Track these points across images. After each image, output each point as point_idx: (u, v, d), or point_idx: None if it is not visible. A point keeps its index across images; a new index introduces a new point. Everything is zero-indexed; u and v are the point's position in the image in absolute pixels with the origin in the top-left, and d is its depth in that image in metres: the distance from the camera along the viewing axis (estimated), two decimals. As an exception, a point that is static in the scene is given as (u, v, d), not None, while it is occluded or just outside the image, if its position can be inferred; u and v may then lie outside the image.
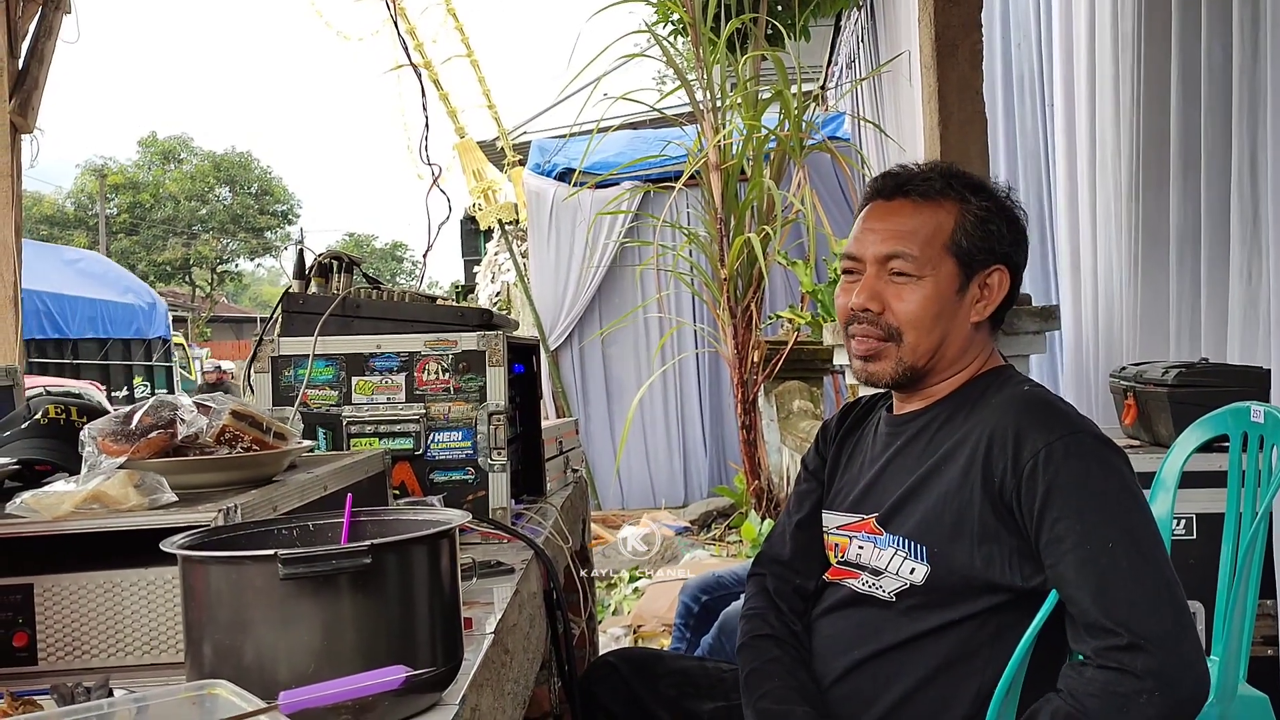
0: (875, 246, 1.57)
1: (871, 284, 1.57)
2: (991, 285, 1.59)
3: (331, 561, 0.96)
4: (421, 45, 8.60)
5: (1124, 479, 1.43)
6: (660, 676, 1.80)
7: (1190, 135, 2.91)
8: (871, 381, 1.62)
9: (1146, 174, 3.11)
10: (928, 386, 1.61)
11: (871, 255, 1.58)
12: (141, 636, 1.20)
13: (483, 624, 1.37)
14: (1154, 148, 3.08)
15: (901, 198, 1.59)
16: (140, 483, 1.24)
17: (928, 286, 1.55)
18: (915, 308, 1.55)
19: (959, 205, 1.57)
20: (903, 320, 1.55)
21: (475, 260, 12.91)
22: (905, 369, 1.57)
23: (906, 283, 1.55)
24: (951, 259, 1.56)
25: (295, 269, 2.16)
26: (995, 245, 1.59)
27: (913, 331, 1.55)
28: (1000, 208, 1.60)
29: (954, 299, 1.57)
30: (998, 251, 1.59)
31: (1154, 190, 3.09)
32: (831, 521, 1.68)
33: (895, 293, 1.56)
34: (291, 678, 0.94)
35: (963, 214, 1.57)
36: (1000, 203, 1.60)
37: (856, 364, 1.62)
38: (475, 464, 1.94)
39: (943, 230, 1.56)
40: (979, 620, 1.48)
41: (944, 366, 1.59)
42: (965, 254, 1.56)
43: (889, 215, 1.59)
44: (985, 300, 1.60)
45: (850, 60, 8.34)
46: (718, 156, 5.90)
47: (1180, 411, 2.42)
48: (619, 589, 4.96)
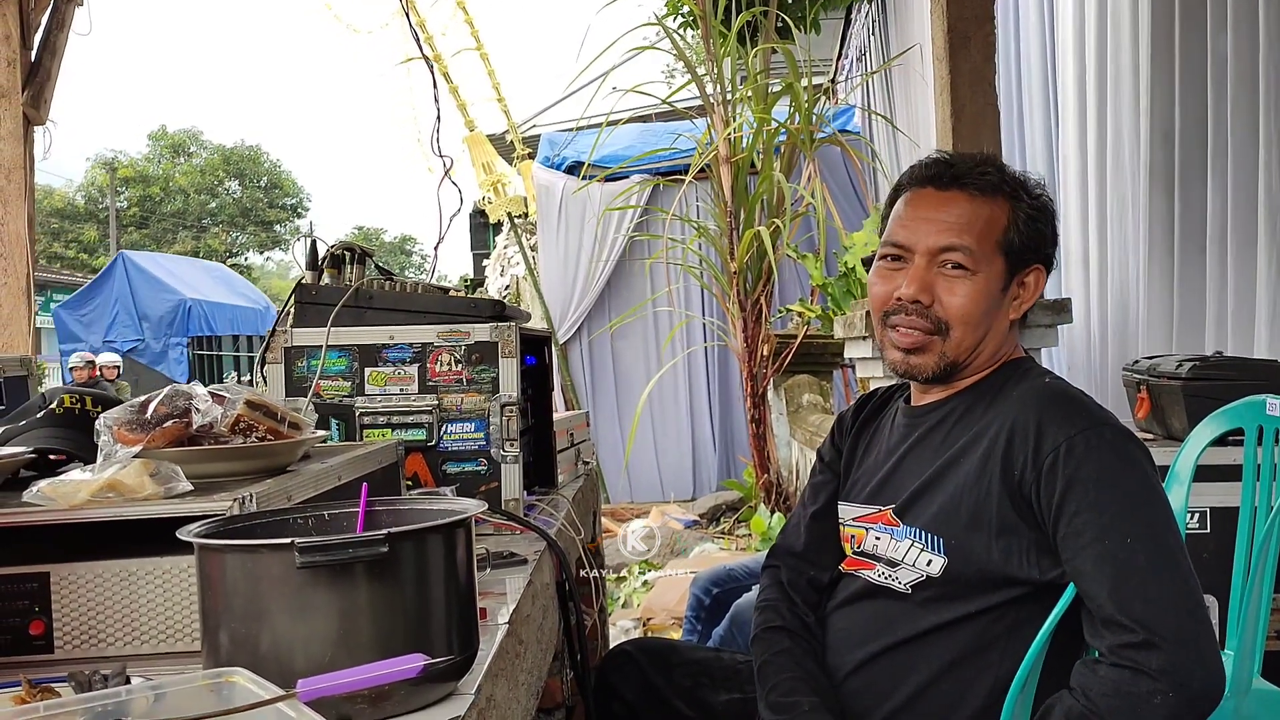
0: (931, 237, 1.53)
1: (923, 274, 1.53)
2: (1028, 284, 1.58)
3: (348, 550, 0.96)
4: (431, 38, 8.60)
5: (1145, 473, 1.42)
6: (676, 666, 1.79)
7: (1204, 130, 2.89)
8: (910, 375, 1.58)
9: (1159, 168, 3.10)
10: (956, 380, 1.59)
11: (926, 246, 1.53)
12: (158, 625, 1.20)
13: (496, 615, 1.37)
14: (1167, 142, 3.06)
15: (957, 189, 1.55)
16: (156, 472, 1.24)
17: (980, 282, 1.52)
18: (968, 303, 1.52)
19: (1011, 203, 1.55)
20: (953, 315, 1.52)
21: (484, 254, 12.90)
22: (948, 364, 1.54)
23: (961, 276, 1.52)
24: (1002, 256, 1.54)
25: (308, 260, 2.17)
26: (1040, 245, 1.57)
27: (961, 327, 1.52)
28: (1044, 208, 1.58)
29: (999, 296, 1.55)
30: (1040, 252, 1.58)
31: (1166, 184, 3.07)
32: (848, 513, 1.67)
33: (947, 286, 1.52)
34: (308, 666, 0.94)
35: (1014, 212, 1.55)
36: (1044, 202, 1.59)
37: (896, 355, 1.57)
38: (488, 455, 1.94)
39: (996, 226, 1.53)
40: (995, 613, 1.47)
41: (979, 363, 1.57)
42: (1015, 252, 1.54)
43: (944, 205, 1.54)
44: (1022, 299, 1.58)
45: (860, 53, 8.32)
46: (728, 150, 5.89)
47: (1194, 405, 2.41)
48: (629, 582, 4.96)
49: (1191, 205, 2.98)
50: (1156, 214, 3.07)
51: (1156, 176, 3.07)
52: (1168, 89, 3.02)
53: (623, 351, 8.45)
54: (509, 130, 9.57)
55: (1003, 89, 4.54)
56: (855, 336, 3.63)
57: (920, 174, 1.60)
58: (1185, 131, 2.98)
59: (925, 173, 1.59)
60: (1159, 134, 3.07)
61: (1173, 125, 3.02)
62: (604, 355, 8.46)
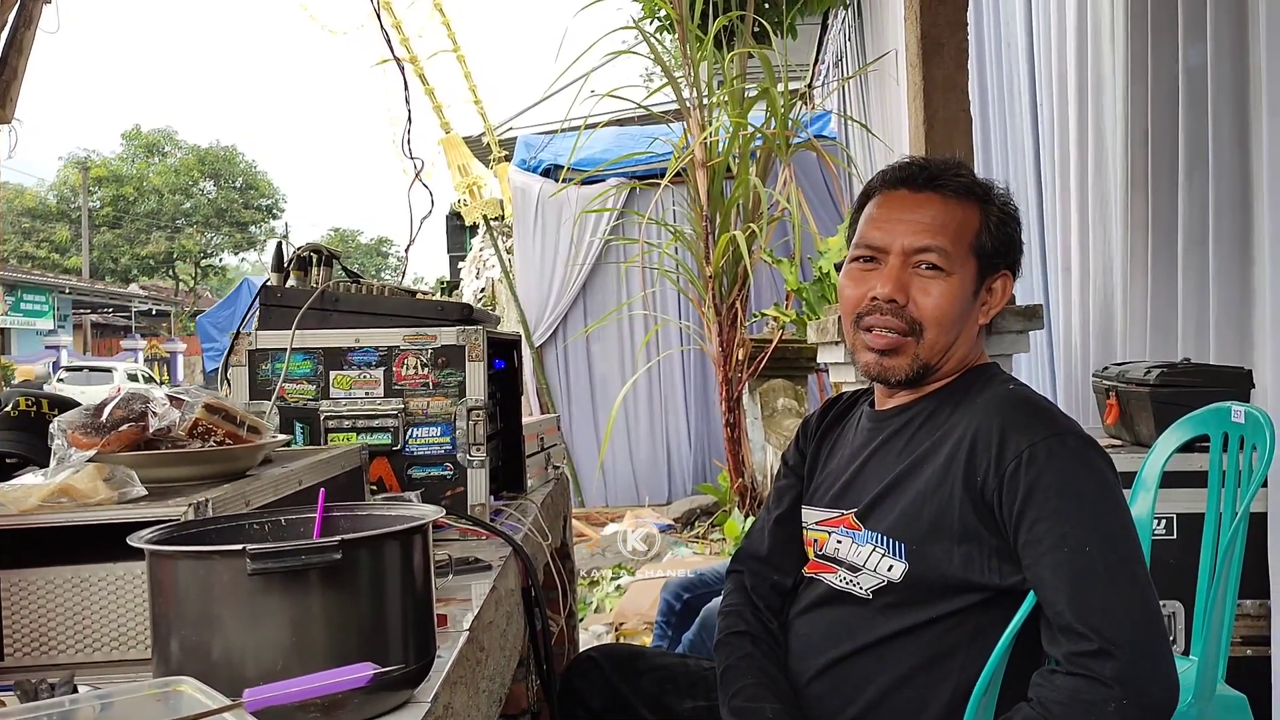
0: (907, 237, 1.53)
1: (898, 274, 1.52)
2: (996, 290, 1.59)
3: (301, 557, 0.94)
4: (407, 40, 8.56)
5: (1106, 482, 1.42)
6: (642, 673, 1.78)
7: (1178, 135, 2.91)
8: (883, 378, 1.57)
9: (1134, 175, 3.11)
10: (924, 384, 1.59)
11: (901, 246, 1.53)
12: (109, 632, 1.18)
13: (458, 621, 1.35)
14: (1141, 149, 3.08)
15: (931, 190, 1.55)
16: (110, 476, 1.22)
17: (954, 284, 1.52)
18: (943, 303, 1.52)
19: (983, 206, 1.56)
20: (927, 315, 1.52)
21: (460, 256, 12.88)
22: (920, 365, 1.54)
23: (936, 277, 1.52)
24: (974, 259, 1.54)
25: (274, 261, 2.14)
26: (1010, 250, 1.58)
27: (935, 328, 1.52)
28: (1012, 214, 1.59)
29: (970, 300, 1.55)
30: (1009, 257, 1.59)
31: (1141, 191, 3.09)
32: (810, 517, 1.67)
33: (922, 287, 1.52)
34: (259, 675, 0.93)
35: (986, 215, 1.55)
36: (1012, 209, 1.60)
37: (869, 357, 1.56)
38: (454, 460, 1.93)
39: (970, 229, 1.54)
40: (956, 619, 1.47)
41: (948, 367, 1.57)
42: (986, 255, 1.55)
43: (919, 207, 1.54)
44: (990, 304, 1.59)
45: (837, 59, 8.35)
46: (704, 154, 5.89)
47: (1162, 411, 2.42)
48: (601, 586, 4.94)
49: (1165, 211, 2.99)
50: (1135, 220, 3.09)
51: (1136, 182, 3.09)
52: (1142, 95, 3.04)
53: (598, 355, 8.44)
54: (485, 132, 9.55)
55: (978, 95, 4.56)
56: (829, 341, 3.63)
57: (893, 176, 1.60)
58: (1158, 137, 3.00)
59: (899, 174, 1.59)
60: (1137, 139, 3.08)
61: (1147, 131, 3.04)
62: (580, 359, 8.45)
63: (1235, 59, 2.64)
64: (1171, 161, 2.95)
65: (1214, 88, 2.69)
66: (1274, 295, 2.42)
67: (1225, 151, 2.68)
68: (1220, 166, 2.68)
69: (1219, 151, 2.69)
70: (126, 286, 34.83)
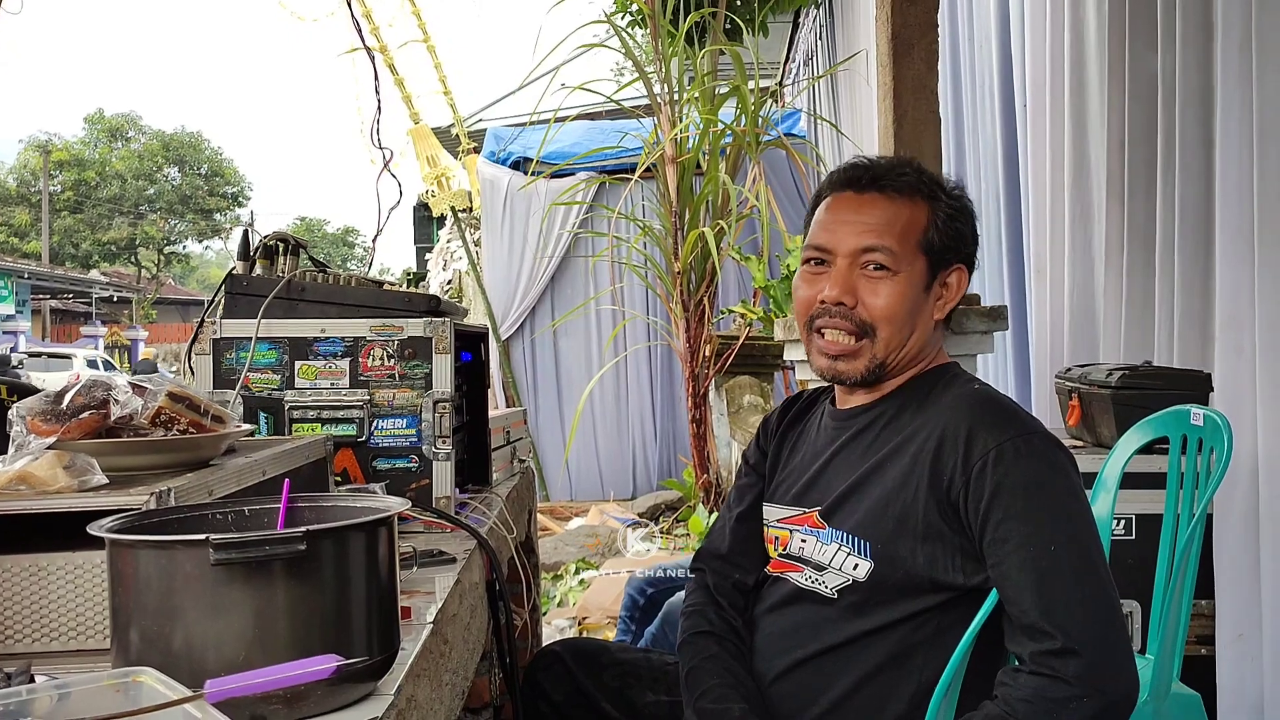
0: (852, 239, 1.54)
1: (845, 277, 1.53)
2: (951, 285, 1.60)
3: (265, 547, 0.94)
4: (377, 29, 8.51)
5: (1071, 482, 1.44)
6: (605, 667, 1.78)
7: (1155, 140, 2.94)
8: (839, 380, 1.59)
9: (1110, 178, 3.14)
10: (881, 383, 1.60)
11: (846, 248, 1.54)
12: (68, 622, 1.16)
13: (422, 614, 1.35)
14: (1117, 153, 3.11)
15: (876, 191, 1.56)
16: (70, 464, 1.20)
17: (902, 282, 1.53)
18: (891, 303, 1.53)
19: (930, 203, 1.57)
20: (877, 315, 1.53)
21: (427, 247, 12.81)
22: (876, 366, 1.55)
23: (883, 277, 1.53)
24: (923, 256, 1.55)
25: (240, 250, 2.12)
26: (960, 245, 1.59)
27: (887, 327, 1.53)
28: (963, 208, 1.60)
29: (922, 296, 1.56)
30: (961, 251, 1.59)
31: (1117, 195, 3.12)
32: (772, 514, 1.67)
33: (870, 288, 1.53)
34: (221, 666, 0.92)
35: (933, 212, 1.56)
36: (964, 203, 1.60)
37: (823, 362, 1.57)
38: (419, 452, 1.92)
39: (916, 227, 1.55)
40: (919, 619, 1.48)
41: (903, 363, 1.58)
42: (935, 252, 1.56)
43: (864, 208, 1.56)
44: (945, 299, 1.60)
45: (808, 57, 8.38)
46: (674, 150, 5.89)
47: (1122, 413, 2.45)
48: (565, 580, 4.94)
49: (1136, 216, 3.03)
50: (1111, 223, 3.12)
51: (1111, 186, 3.12)
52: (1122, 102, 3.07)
53: (566, 349, 8.42)
54: (455, 124, 9.50)
55: (950, 96, 4.59)
56: (795, 339, 3.65)
57: (839, 178, 1.61)
58: (1133, 142, 3.04)
59: (844, 176, 1.61)
60: (1114, 143, 3.11)
61: (1123, 135, 3.07)
62: (547, 352, 8.43)
63: (1200, 67, 2.68)
64: (1147, 166, 2.98)
65: (1180, 95, 2.73)
66: (1230, 299, 2.46)
67: (1190, 157, 2.71)
68: (1185, 172, 2.72)
69: (1184, 157, 2.72)
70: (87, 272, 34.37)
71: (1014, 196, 4.05)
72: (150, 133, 39.59)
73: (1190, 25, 2.69)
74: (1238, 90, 2.44)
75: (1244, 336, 2.40)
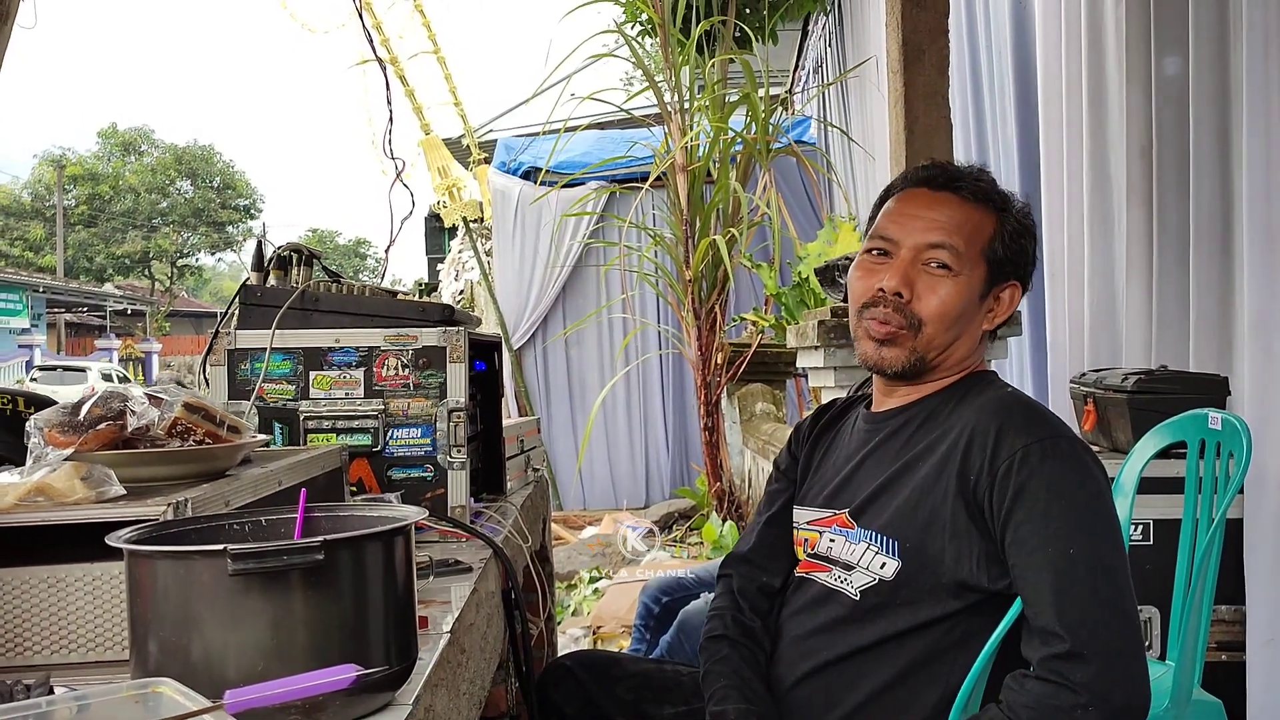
0: (920, 234, 1.54)
1: (906, 269, 1.53)
2: (1004, 300, 1.59)
3: (283, 557, 0.93)
4: (388, 40, 8.54)
5: (1097, 487, 1.43)
6: (617, 680, 1.77)
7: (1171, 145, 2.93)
8: (880, 367, 1.58)
9: (1131, 183, 3.13)
10: (920, 383, 1.59)
11: (913, 242, 1.54)
12: (87, 633, 1.16)
13: (439, 623, 1.35)
14: (1137, 158, 3.10)
15: (950, 191, 1.57)
16: (87, 475, 1.21)
17: (961, 284, 1.53)
18: (946, 302, 1.52)
19: (999, 214, 1.57)
20: (929, 313, 1.53)
21: (439, 258, 12.84)
22: (917, 358, 1.54)
23: (944, 276, 1.53)
24: (984, 264, 1.55)
25: (254, 261, 2.13)
26: (1022, 261, 1.59)
27: (934, 325, 1.53)
28: (1028, 228, 1.60)
29: (976, 303, 1.56)
30: (1021, 268, 1.59)
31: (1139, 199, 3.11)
32: (801, 516, 1.67)
33: (929, 284, 1.53)
34: (240, 676, 0.92)
35: (1001, 224, 1.56)
36: (1029, 223, 1.61)
37: (868, 346, 1.57)
38: (434, 461, 1.92)
39: (983, 234, 1.55)
40: (946, 624, 1.47)
41: (946, 366, 1.58)
42: (996, 263, 1.56)
43: (936, 205, 1.56)
44: (996, 312, 1.59)
45: (817, 65, 8.38)
46: (684, 158, 5.90)
47: (1139, 418, 2.44)
48: (579, 589, 4.93)
49: (1155, 220, 3.02)
50: (1133, 228, 3.11)
51: (1133, 191, 3.11)
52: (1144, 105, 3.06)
53: (577, 358, 8.43)
54: (465, 134, 9.53)
55: (961, 102, 4.58)
56: (807, 346, 3.64)
57: (915, 175, 1.62)
58: (1152, 147, 3.03)
59: (921, 174, 1.61)
60: (1134, 148, 3.10)
61: (1143, 140, 3.06)
62: (559, 361, 8.44)
63: (1219, 69, 2.67)
64: (1167, 171, 2.97)
65: (1201, 98, 2.72)
66: (1252, 303, 2.45)
67: (1210, 160, 2.70)
68: (1206, 176, 2.71)
69: (1205, 160, 2.71)
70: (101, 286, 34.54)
71: (1033, 201, 4.04)
72: (163, 146, 39.80)
73: (1208, 28, 2.68)
74: (1259, 92, 2.43)
75: (1274, 340, 2.39)
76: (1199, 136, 2.72)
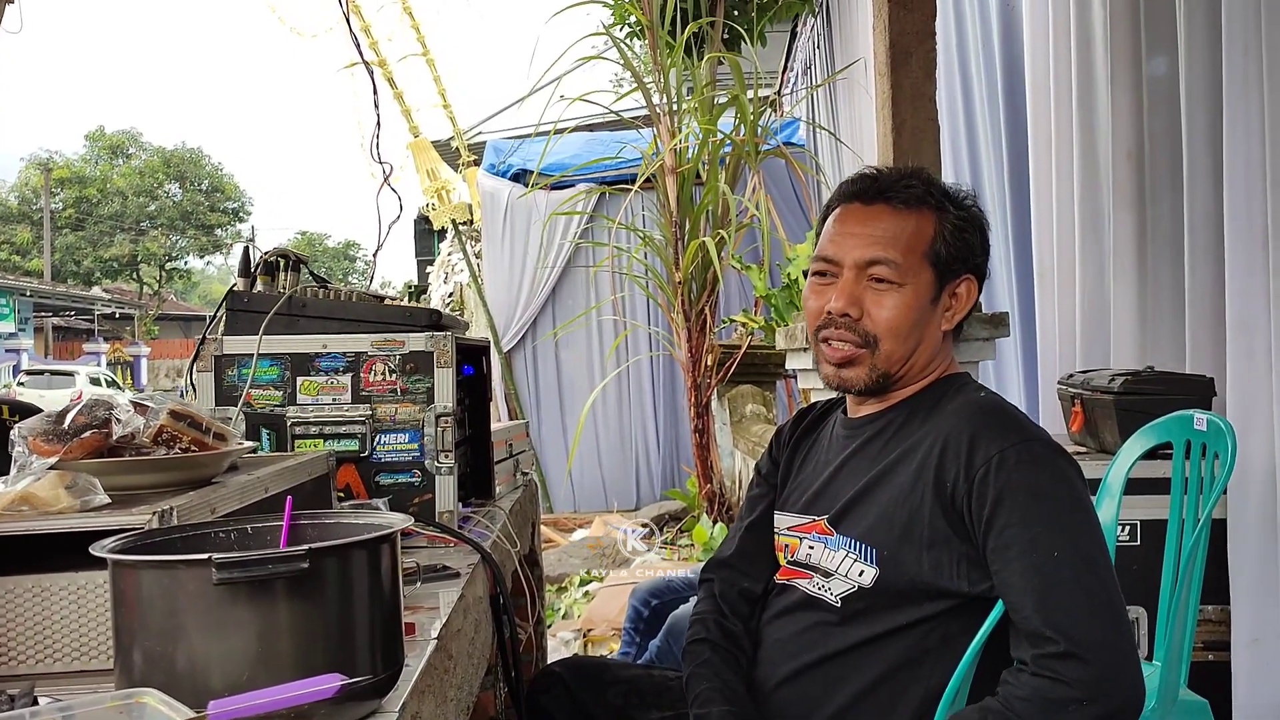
0: (857, 251, 1.55)
1: (851, 289, 1.54)
2: (960, 295, 1.60)
3: (268, 566, 0.93)
4: (376, 43, 8.53)
5: (1074, 488, 1.43)
6: (607, 686, 1.78)
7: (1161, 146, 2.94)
8: (843, 388, 1.60)
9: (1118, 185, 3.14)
10: (891, 392, 1.60)
11: (852, 260, 1.55)
12: (71, 643, 1.16)
13: (426, 629, 1.34)
14: (1124, 159, 3.11)
15: (882, 203, 1.57)
16: (72, 484, 1.20)
17: (908, 294, 1.54)
18: (895, 315, 1.53)
19: (937, 214, 1.57)
20: (881, 327, 1.54)
21: (428, 260, 12.83)
22: (879, 375, 1.56)
23: (888, 290, 1.54)
24: (930, 267, 1.55)
25: (240, 266, 2.13)
26: (968, 256, 1.59)
27: (890, 339, 1.54)
28: (973, 218, 1.60)
29: (929, 307, 1.56)
30: (970, 262, 1.59)
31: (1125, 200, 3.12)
32: (782, 523, 1.68)
33: (875, 299, 1.54)
34: (225, 686, 0.92)
35: (941, 223, 1.56)
36: (973, 213, 1.61)
37: (829, 370, 1.59)
38: (422, 466, 1.92)
39: (923, 238, 1.55)
40: (926, 627, 1.48)
41: (913, 374, 1.59)
42: (942, 263, 1.56)
43: (870, 220, 1.56)
44: (954, 309, 1.60)
45: (806, 66, 8.38)
46: (673, 160, 5.90)
47: (1125, 419, 2.45)
48: (569, 593, 4.93)
49: (1144, 221, 3.03)
50: (1122, 229, 3.11)
51: (1119, 192, 3.12)
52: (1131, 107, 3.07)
53: (567, 360, 8.43)
54: (454, 137, 9.52)
55: (951, 103, 4.59)
56: (796, 348, 3.65)
57: (847, 190, 1.62)
58: (1141, 148, 3.04)
59: (851, 188, 1.62)
60: (1120, 149, 3.11)
61: (1138, 144, 3.07)
62: (548, 363, 8.43)
63: (1207, 72, 2.68)
64: (1156, 172, 2.98)
65: (1190, 100, 2.73)
66: (1234, 304, 2.46)
67: (1199, 161, 2.71)
68: (1195, 177, 2.72)
69: (1194, 161, 2.72)
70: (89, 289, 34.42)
71: (1022, 203, 4.04)
72: (151, 149, 39.69)
73: (1197, 30, 2.69)
74: (1246, 94, 2.43)
75: (1256, 340, 2.40)
76: (1188, 139, 2.73)
